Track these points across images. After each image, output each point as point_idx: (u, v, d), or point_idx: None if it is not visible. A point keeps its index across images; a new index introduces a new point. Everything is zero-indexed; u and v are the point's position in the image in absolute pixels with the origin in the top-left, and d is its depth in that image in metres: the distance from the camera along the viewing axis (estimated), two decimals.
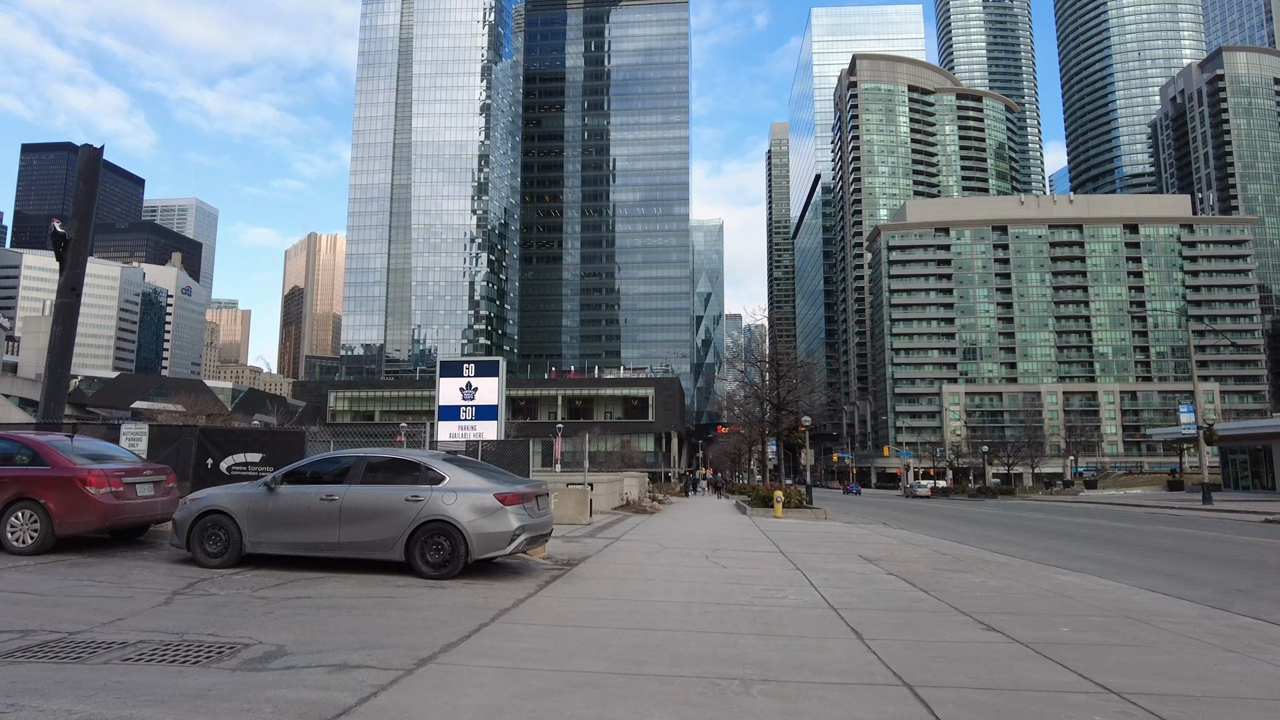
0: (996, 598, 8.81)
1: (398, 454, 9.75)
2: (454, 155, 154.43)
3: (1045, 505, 46.38)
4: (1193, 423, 38.29)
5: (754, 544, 15.09)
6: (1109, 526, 24.58)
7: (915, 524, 25.95)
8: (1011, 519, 30.24)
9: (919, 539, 17.95)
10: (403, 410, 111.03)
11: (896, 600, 8.48)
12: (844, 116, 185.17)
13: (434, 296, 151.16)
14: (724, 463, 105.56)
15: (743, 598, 8.36)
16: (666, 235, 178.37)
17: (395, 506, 9.14)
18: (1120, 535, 20.81)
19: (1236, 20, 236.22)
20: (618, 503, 27.41)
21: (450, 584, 8.70)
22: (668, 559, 11.96)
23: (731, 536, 16.90)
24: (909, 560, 12.64)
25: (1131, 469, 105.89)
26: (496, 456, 21.43)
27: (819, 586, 9.30)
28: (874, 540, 16.83)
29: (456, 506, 9.01)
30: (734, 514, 27.55)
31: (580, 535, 15.90)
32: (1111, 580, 10.80)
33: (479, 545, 8.94)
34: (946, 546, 15.93)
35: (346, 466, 9.59)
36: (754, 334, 36.02)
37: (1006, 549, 16.18)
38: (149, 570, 9.20)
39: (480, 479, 9.39)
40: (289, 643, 5.93)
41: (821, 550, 14.11)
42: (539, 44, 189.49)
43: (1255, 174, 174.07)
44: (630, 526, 19.05)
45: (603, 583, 9.34)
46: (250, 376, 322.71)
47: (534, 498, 9.64)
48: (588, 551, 12.67)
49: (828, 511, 26.36)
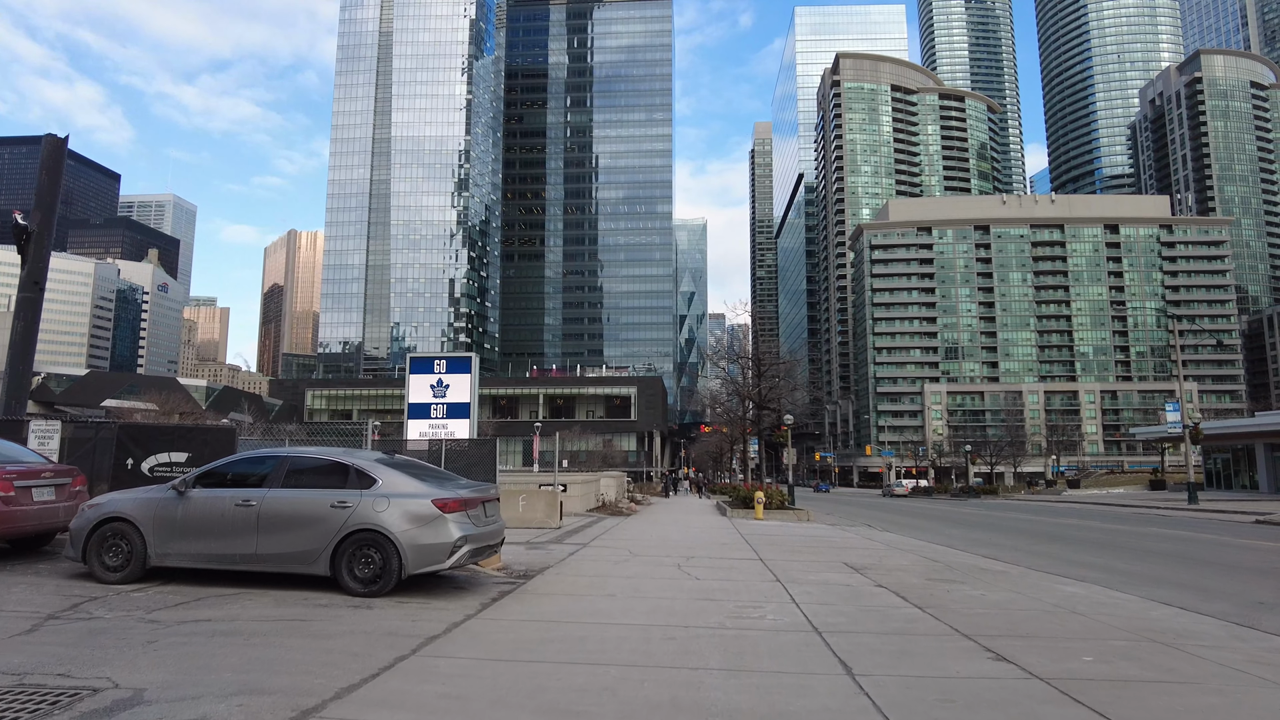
0: (1001, 616, 7.81)
1: (325, 454, 8.59)
2: (434, 150, 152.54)
3: (1030, 505, 45.79)
4: (1178, 421, 37.74)
5: (732, 550, 14.06)
6: (1100, 528, 23.80)
7: (901, 526, 25.05)
8: (999, 520, 29.45)
9: (907, 543, 17.00)
10: (381, 409, 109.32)
11: (890, 620, 7.45)
12: (827, 116, 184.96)
13: (413, 294, 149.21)
14: (706, 462, 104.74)
15: (714, 618, 7.31)
16: (649, 233, 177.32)
17: (320, 513, 8.00)
18: (1114, 538, 19.99)
19: (1213, 25, 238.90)
20: (593, 504, 26.31)
21: (380, 603, 7.57)
22: (636, 569, 10.88)
23: (708, 541, 15.87)
24: (899, 569, 11.65)
25: (1113, 468, 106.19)
26: (465, 456, 20.28)
27: (801, 603, 8.26)
28: (859, 545, 15.85)
29: (389, 514, 7.89)
30: (713, 516, 26.54)
31: (546, 541, 14.80)
32: (1120, 592, 9.86)
33: (414, 558, 7.82)
34: (936, 552, 14.99)
35: (269, 469, 8.44)
36: (736, 332, 34.95)
37: (1000, 554, 15.26)
38: (32, 589, 7.99)
39: (419, 483, 8.26)
40: (153, 685, 4.81)
41: (804, 557, 13.11)
42: (521, 39, 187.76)
43: (1232, 176, 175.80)
44: (603, 530, 17.96)
45: (557, 600, 8.24)
46: (229, 375, 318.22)
47: (480, 503, 8.52)
48: (549, 560, 11.58)
49: (810, 513, 25.41)
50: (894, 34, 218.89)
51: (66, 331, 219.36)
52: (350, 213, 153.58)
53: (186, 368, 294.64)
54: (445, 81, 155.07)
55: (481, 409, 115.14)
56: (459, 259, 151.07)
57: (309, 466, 8.42)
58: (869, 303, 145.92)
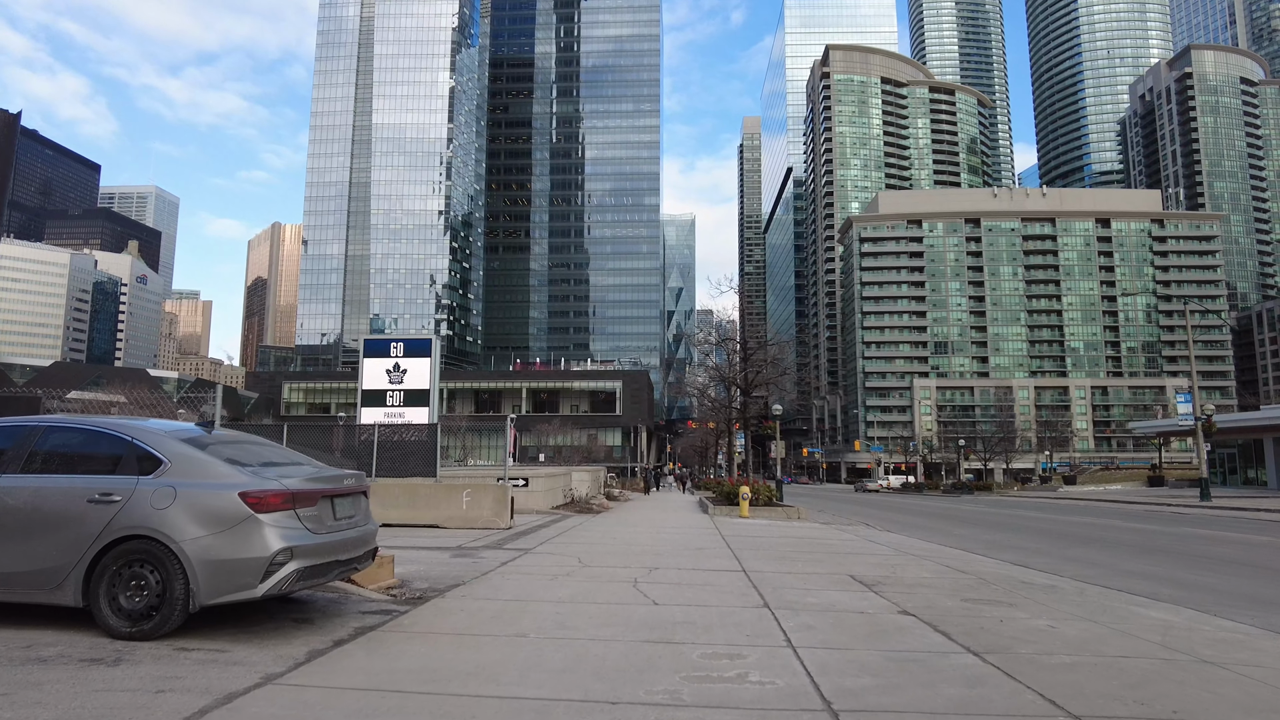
0: (1102, 669, 5.16)
1: (90, 424, 5.81)
2: (416, 139, 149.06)
3: (1031, 502, 43.41)
4: (1190, 414, 35.40)
5: (708, 557, 11.39)
6: (1125, 528, 21.31)
7: (903, 525, 22.46)
8: (1007, 519, 26.93)
9: (917, 546, 14.39)
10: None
11: (940, 680, 4.78)
12: (816, 109, 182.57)
13: (393, 284, 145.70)
14: (693, 457, 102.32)
15: (664, 680, 4.62)
16: (637, 225, 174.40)
17: (70, 512, 5.26)
18: (1150, 540, 17.47)
19: (1201, 23, 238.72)
20: (560, 500, 23.58)
21: (144, 652, 4.85)
22: (575, 589, 8.18)
23: (681, 546, 13.20)
24: (922, 584, 9.01)
25: (1107, 464, 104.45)
26: (400, 446, 17.55)
27: (801, 646, 5.59)
28: (863, 550, 13.23)
29: (174, 513, 5.16)
30: (694, 513, 23.88)
31: (483, 546, 12.08)
32: (1226, 619, 7.24)
33: (208, 581, 5.09)
34: (956, 558, 12.38)
35: (4, 445, 5.66)
36: (725, 328, 32.17)
37: (1030, 560, 12.67)
38: None
39: (230, 468, 5.51)
40: None
41: (799, 566, 10.45)
42: (507, 28, 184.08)
43: (1222, 172, 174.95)
44: (560, 531, 15.26)
45: (434, 645, 5.50)
46: (211, 369, 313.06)
47: (326, 498, 5.74)
48: (470, 573, 8.87)
49: (801, 510, 22.81)
50: (884, 28, 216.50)
51: (41, 323, 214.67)
52: (329, 201, 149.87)
53: (167, 361, 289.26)
54: (428, 68, 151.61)
55: (463, 403, 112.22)
56: (441, 250, 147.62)
57: (62, 443, 5.66)
58: (858, 296, 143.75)
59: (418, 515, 15.21)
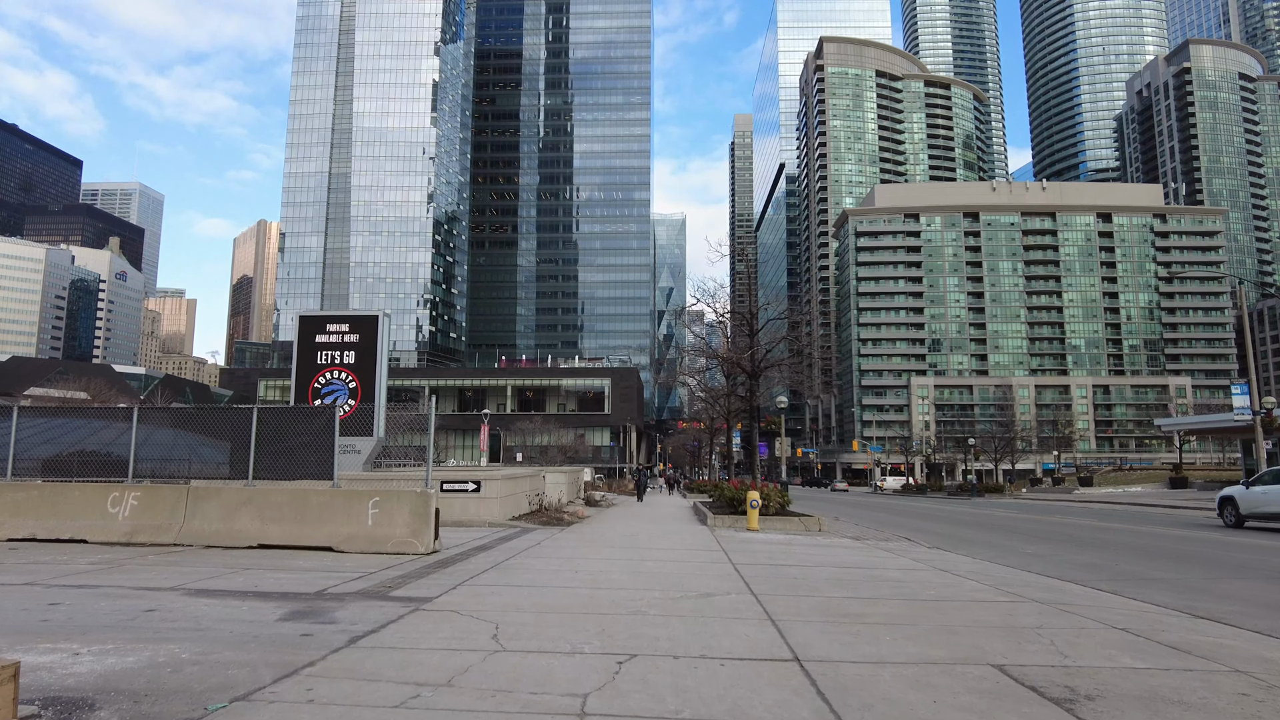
0: None
1: None
2: (398, 128, 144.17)
3: (1059, 506, 39.26)
4: (1246, 407, 31.37)
5: (722, 616, 7.07)
6: (1237, 544, 17.12)
7: (945, 538, 18.17)
8: (1056, 529, 22.63)
9: (1013, 578, 10.08)
10: None
11: None
12: (810, 103, 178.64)
13: (374, 279, 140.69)
14: (685, 458, 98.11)
15: None
16: (626, 222, 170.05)
17: None
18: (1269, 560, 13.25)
19: (1196, 20, 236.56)
20: (524, 509, 19.18)
21: None
22: None
23: (677, 587, 8.87)
24: (1155, 692, 4.70)
25: (1118, 464, 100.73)
26: (283, 432, 13.23)
27: None
28: (954, 592, 8.92)
29: None
30: (689, 524, 19.54)
31: (351, 593, 7.70)
32: None
33: None
34: (1107, 604, 8.09)
35: None
36: (719, 295, 28.17)
37: (1195, 602, 8.39)
38: None
39: None
40: None
41: (884, 640, 6.11)
42: (494, 19, 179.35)
43: (1220, 168, 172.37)
44: (501, 559, 10.90)
45: None
46: (195, 368, 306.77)
47: None
48: (236, 686, 4.52)
49: (821, 520, 18.54)
50: (877, 23, 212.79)
51: (15, 320, 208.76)
52: (308, 194, 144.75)
53: (150, 359, 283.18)
54: (411, 57, 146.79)
55: (446, 401, 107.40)
56: (424, 244, 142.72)
57: None
58: (854, 292, 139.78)
59: (306, 534, 10.87)
